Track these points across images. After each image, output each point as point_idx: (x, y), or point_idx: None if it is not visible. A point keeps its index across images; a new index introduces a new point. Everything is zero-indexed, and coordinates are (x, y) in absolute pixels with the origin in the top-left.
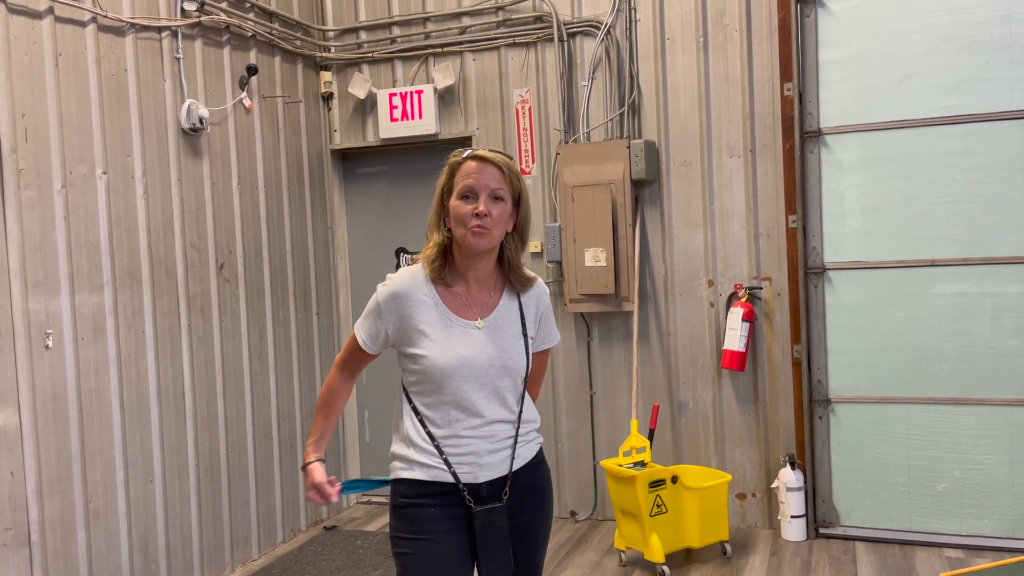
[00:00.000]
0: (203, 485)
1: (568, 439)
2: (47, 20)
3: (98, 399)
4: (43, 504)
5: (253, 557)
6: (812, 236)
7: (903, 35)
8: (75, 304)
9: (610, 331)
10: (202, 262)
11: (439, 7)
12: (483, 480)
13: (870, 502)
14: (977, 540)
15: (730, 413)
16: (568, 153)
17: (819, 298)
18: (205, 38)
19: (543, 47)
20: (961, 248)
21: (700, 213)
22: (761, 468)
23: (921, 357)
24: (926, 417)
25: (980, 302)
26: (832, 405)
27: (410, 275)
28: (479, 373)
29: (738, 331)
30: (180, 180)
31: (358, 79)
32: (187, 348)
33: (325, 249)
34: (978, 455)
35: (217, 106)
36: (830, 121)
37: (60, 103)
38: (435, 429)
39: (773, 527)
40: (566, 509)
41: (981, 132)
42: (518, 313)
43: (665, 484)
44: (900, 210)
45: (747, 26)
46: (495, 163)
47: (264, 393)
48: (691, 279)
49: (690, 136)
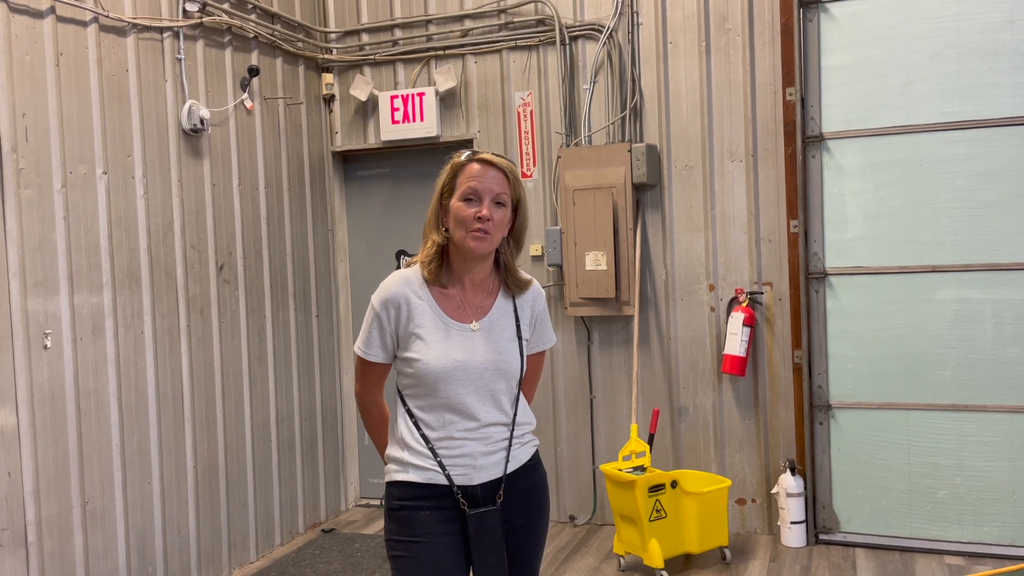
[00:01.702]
0: (201, 487)
1: (568, 443)
2: (48, 20)
3: (96, 400)
4: (40, 505)
5: (251, 559)
6: (813, 241)
7: (906, 40)
8: (74, 304)
9: (610, 335)
10: (202, 263)
11: (441, 9)
12: (478, 482)
13: (870, 508)
14: (978, 547)
15: (730, 418)
16: (569, 156)
17: (820, 303)
18: (207, 39)
19: (545, 50)
20: (963, 254)
21: (701, 217)
22: (761, 473)
23: (922, 363)
24: (927, 423)
25: (982, 308)
26: (833, 411)
27: (403, 279)
28: (473, 376)
29: (739, 336)
30: (181, 181)
31: (359, 81)
32: (186, 349)
33: (325, 251)
34: (979, 462)
35: (218, 107)
36: (832, 126)
37: (61, 103)
38: (429, 431)
39: (773, 533)
40: (565, 513)
41: (983, 138)
42: (513, 316)
43: (665, 489)
44: (902, 216)
45: (749, 30)
46: (499, 168)
47: (263, 395)
48: (692, 283)
49: (692, 140)
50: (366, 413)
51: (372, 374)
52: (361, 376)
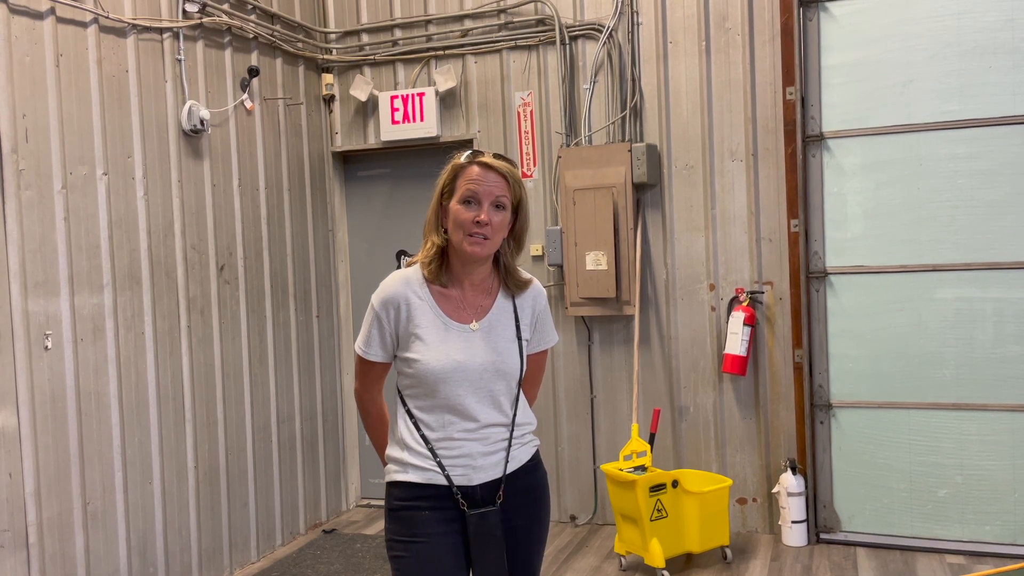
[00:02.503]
0: (202, 488)
1: (568, 443)
2: (48, 21)
3: (97, 401)
4: (41, 506)
5: (252, 560)
6: (814, 240)
7: (906, 40)
8: (75, 305)
9: (611, 335)
10: (202, 264)
11: (441, 9)
12: (477, 483)
13: (871, 507)
14: (979, 546)
15: (731, 417)
16: (569, 156)
17: (821, 303)
18: (206, 39)
19: (545, 50)
20: (963, 253)
21: (702, 217)
22: (762, 473)
23: (923, 362)
24: (928, 422)
25: (982, 307)
26: (833, 410)
27: (403, 279)
28: (473, 377)
29: (739, 335)
30: (181, 181)
31: (359, 81)
32: (187, 350)
33: (326, 251)
34: (980, 460)
35: (218, 108)
36: (832, 125)
37: (61, 104)
38: (429, 432)
39: (774, 532)
40: (566, 513)
41: (984, 137)
42: (512, 316)
43: (666, 488)
44: (902, 215)
45: (749, 30)
46: (499, 171)
47: (264, 396)
48: (692, 283)
49: (692, 140)
50: (365, 412)
51: (371, 373)
52: (361, 375)
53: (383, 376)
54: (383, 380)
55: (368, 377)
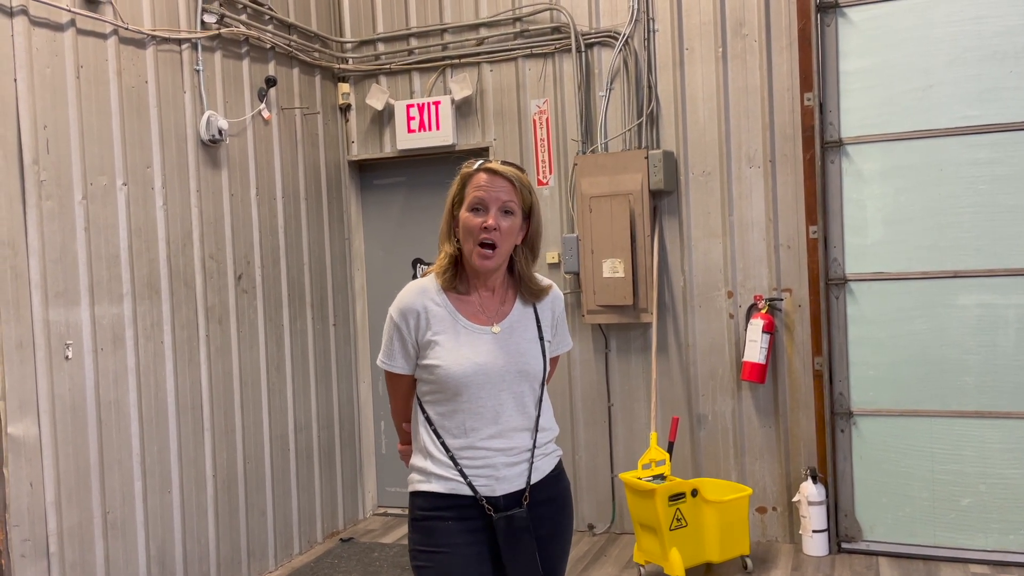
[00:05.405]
0: (220, 496)
1: (586, 451)
2: (69, 32)
3: (117, 410)
4: (62, 515)
5: (269, 569)
6: (833, 247)
7: (925, 45)
8: (95, 315)
9: (628, 343)
10: (220, 273)
11: (456, 18)
12: (500, 493)
13: (893, 516)
14: (1003, 556)
15: (750, 426)
16: (586, 164)
17: (840, 310)
18: (224, 50)
19: (560, 58)
20: (985, 259)
21: (719, 224)
22: (782, 481)
23: (945, 369)
24: (950, 430)
25: (1004, 313)
26: (854, 418)
27: (419, 288)
28: (495, 379)
29: (758, 343)
30: (199, 191)
31: (375, 90)
32: (205, 359)
33: (342, 260)
34: (1004, 469)
35: (236, 118)
36: (851, 131)
37: (81, 115)
38: (450, 439)
39: (794, 541)
40: (584, 522)
41: (1005, 142)
42: (534, 317)
43: (685, 497)
44: (923, 221)
45: (767, 36)
46: (506, 176)
47: (281, 404)
48: (710, 290)
49: (709, 146)
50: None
51: (401, 386)
52: (392, 393)
53: (413, 390)
54: (412, 392)
55: (399, 391)
